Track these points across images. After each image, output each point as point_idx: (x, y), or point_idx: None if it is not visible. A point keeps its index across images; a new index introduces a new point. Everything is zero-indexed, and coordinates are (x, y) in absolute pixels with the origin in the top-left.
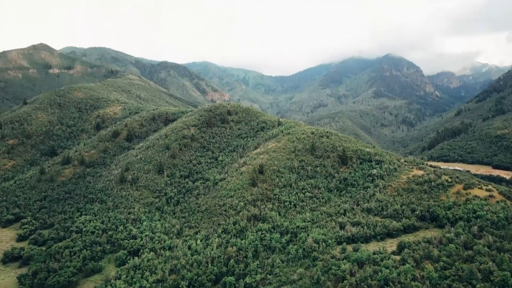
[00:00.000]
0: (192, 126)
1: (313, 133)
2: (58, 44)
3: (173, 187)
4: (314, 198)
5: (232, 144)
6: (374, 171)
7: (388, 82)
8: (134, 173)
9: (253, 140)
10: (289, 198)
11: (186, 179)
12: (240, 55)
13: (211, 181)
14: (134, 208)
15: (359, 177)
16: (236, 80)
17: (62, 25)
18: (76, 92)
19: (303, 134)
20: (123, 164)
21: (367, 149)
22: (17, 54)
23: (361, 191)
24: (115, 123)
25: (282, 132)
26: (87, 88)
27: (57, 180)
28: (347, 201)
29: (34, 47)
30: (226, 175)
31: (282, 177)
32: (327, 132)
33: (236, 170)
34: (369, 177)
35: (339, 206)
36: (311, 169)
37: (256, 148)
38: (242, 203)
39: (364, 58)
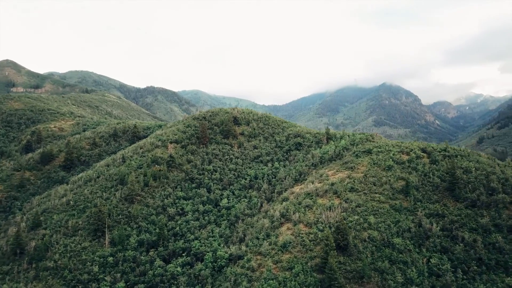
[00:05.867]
0: (171, 142)
1: (424, 151)
2: (41, 70)
3: (119, 275)
4: None
5: (246, 174)
6: None
7: (388, 111)
8: (46, 235)
9: (284, 166)
10: None
11: (152, 252)
12: (232, 84)
13: (209, 261)
14: None
15: None
16: None
17: (47, 52)
18: (12, 102)
19: (404, 153)
20: (32, 214)
21: None
22: None
23: None
24: (59, 142)
25: (347, 149)
26: (31, 98)
27: None
28: None
29: None
30: (245, 247)
31: (401, 259)
32: (463, 150)
33: (268, 236)
34: None
35: None
36: (473, 240)
37: (297, 181)
38: None
39: (360, 87)
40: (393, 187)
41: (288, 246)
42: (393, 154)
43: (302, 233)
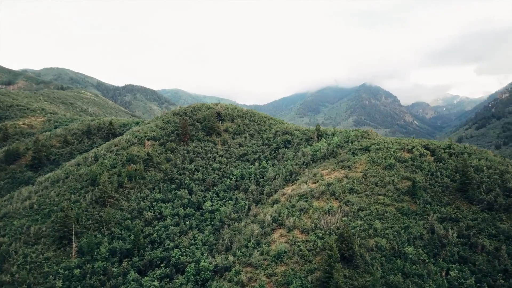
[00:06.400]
0: (148, 139)
1: (427, 148)
2: (14, 66)
3: None
4: None
5: (231, 174)
6: None
7: (368, 111)
8: (4, 244)
9: (273, 165)
10: None
11: (125, 263)
12: (213, 83)
13: (191, 273)
14: None
15: None
16: None
17: (23, 49)
18: None
19: (405, 150)
20: None
21: None
22: None
23: None
24: (27, 139)
25: (341, 147)
26: None
27: None
28: None
29: None
30: (232, 257)
31: (416, 272)
32: (468, 147)
33: (258, 244)
34: None
35: None
36: (494, 248)
37: (288, 181)
38: None
39: (340, 87)
40: (397, 188)
41: (283, 256)
42: (393, 152)
43: (299, 241)
